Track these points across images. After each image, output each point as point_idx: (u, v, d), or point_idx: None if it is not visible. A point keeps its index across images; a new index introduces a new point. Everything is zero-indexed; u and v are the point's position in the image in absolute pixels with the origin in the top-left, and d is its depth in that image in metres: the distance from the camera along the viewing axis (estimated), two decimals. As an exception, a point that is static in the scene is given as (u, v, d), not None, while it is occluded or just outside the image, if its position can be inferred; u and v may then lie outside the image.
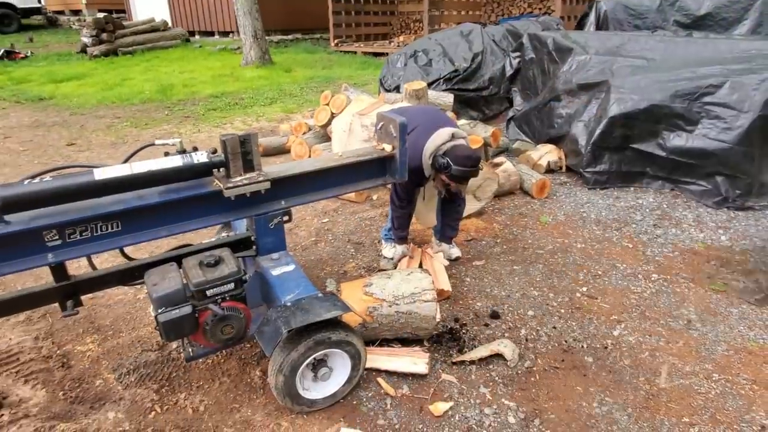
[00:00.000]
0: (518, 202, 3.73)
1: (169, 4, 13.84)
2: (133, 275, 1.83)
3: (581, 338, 2.24)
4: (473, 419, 1.80)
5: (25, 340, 2.24)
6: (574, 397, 1.91)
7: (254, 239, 1.97)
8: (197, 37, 13.48)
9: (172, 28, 13.03)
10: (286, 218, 2.00)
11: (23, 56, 11.17)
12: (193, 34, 13.46)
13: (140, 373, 2.03)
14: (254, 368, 2.05)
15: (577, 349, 2.17)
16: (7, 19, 14.46)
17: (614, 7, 6.07)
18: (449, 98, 4.34)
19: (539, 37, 5.02)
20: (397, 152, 2.07)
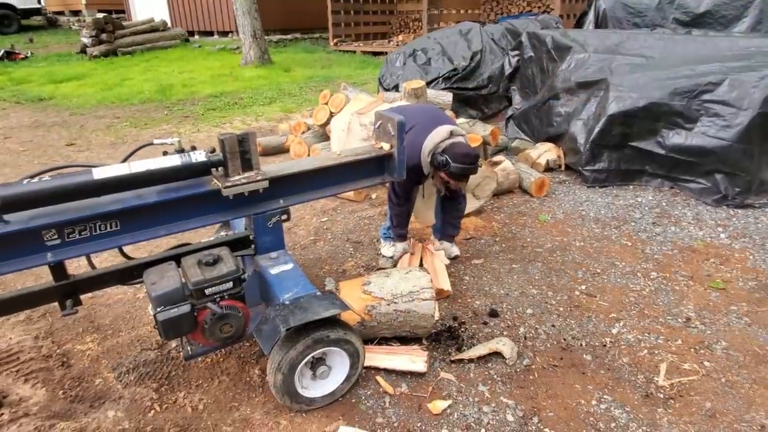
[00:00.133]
0: (517, 200, 3.73)
1: (168, 4, 13.84)
2: (132, 274, 1.84)
3: (580, 336, 2.24)
4: (472, 417, 1.81)
5: (25, 339, 2.25)
6: (572, 395, 1.91)
7: (253, 238, 1.98)
8: (196, 37, 13.48)
9: (171, 28, 13.04)
10: (284, 217, 2.00)
11: (23, 57, 11.18)
12: (192, 34, 13.46)
13: (140, 371, 2.04)
14: (253, 367, 2.05)
15: (575, 347, 2.18)
16: (7, 19, 14.46)
17: (613, 5, 6.06)
18: (448, 97, 4.34)
19: (538, 35, 5.02)
20: (395, 151, 2.07)
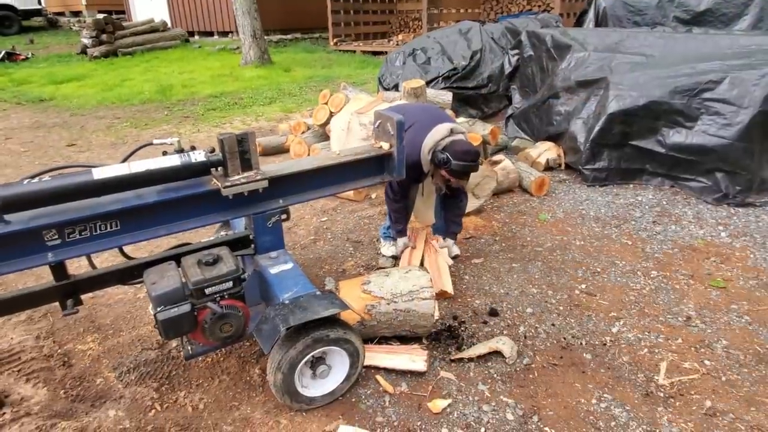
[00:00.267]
0: (517, 199, 3.73)
1: (168, 4, 13.85)
2: (132, 274, 1.84)
3: (580, 335, 2.24)
4: (472, 416, 1.81)
5: (26, 339, 2.25)
6: (572, 393, 1.91)
7: (253, 238, 1.98)
8: (196, 37, 13.49)
9: (171, 28, 13.04)
10: (284, 217, 2.00)
11: (24, 58, 11.20)
12: (192, 34, 13.47)
13: (140, 371, 2.04)
14: (253, 366, 2.06)
15: (575, 346, 2.18)
16: (7, 20, 14.48)
17: (613, 3, 6.05)
18: (448, 96, 4.33)
19: (538, 34, 5.01)
20: (394, 150, 2.07)
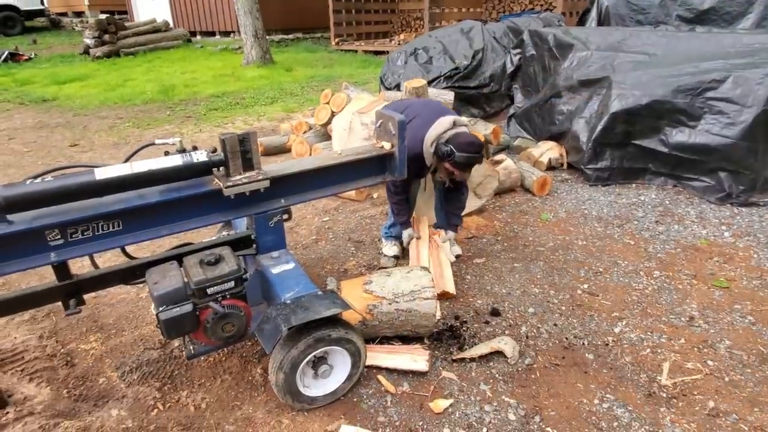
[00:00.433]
0: (519, 199, 3.72)
1: (170, 4, 13.87)
2: (134, 274, 1.85)
3: (582, 335, 2.24)
4: (473, 416, 1.81)
5: (29, 338, 2.26)
6: (574, 394, 1.91)
7: (254, 238, 1.98)
8: (198, 37, 13.51)
9: (173, 28, 13.07)
10: (285, 217, 2.01)
11: (27, 58, 11.24)
12: (194, 34, 13.49)
13: (143, 371, 2.05)
14: (255, 366, 2.06)
15: (577, 346, 2.17)
16: (10, 21, 14.53)
17: (616, 2, 6.03)
18: (450, 96, 4.32)
19: (540, 33, 5.00)
20: (396, 150, 2.07)
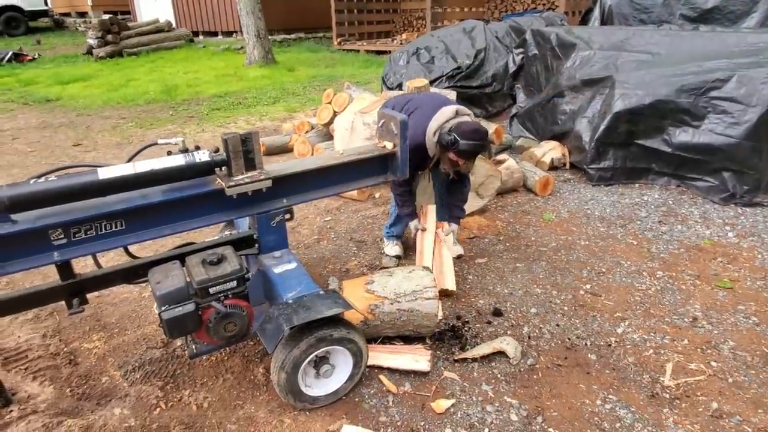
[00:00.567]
0: (521, 199, 3.71)
1: (173, 4, 13.91)
2: (137, 273, 1.86)
3: (584, 336, 2.23)
4: (475, 416, 1.80)
5: (33, 337, 2.27)
6: (577, 394, 1.90)
7: (256, 237, 1.99)
8: (201, 37, 13.54)
9: (176, 28, 13.10)
10: (287, 216, 2.01)
11: (31, 58, 11.29)
12: (197, 34, 13.52)
13: (145, 370, 2.05)
14: (257, 365, 2.06)
15: (580, 346, 2.16)
16: (14, 21, 14.59)
17: (619, 1, 6.00)
18: (452, 95, 4.31)
19: (542, 33, 4.99)
20: (398, 149, 2.07)
